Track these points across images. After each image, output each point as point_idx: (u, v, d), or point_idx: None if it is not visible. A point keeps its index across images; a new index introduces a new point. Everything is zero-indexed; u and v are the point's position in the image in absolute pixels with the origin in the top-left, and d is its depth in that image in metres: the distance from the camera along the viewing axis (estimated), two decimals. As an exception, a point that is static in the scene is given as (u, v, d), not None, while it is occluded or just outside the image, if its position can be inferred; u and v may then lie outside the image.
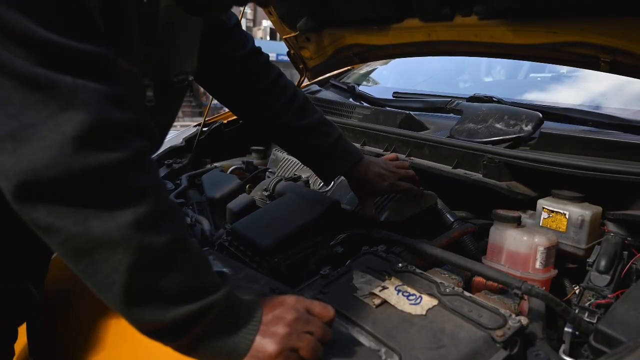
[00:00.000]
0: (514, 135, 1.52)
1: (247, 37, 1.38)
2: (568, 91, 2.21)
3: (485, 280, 1.10)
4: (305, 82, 2.61)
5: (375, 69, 2.86)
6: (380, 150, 1.77)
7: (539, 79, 2.62)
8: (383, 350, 0.84)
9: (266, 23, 27.14)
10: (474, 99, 1.86)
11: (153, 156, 0.84)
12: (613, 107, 1.72)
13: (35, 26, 0.66)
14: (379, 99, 2.19)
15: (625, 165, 1.22)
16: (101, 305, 0.74)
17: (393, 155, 1.61)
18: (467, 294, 0.97)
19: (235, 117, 2.41)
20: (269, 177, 1.88)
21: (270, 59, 1.43)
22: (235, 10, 1.21)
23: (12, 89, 0.65)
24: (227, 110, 1.78)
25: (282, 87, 1.38)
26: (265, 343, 0.78)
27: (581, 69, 1.76)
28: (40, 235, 0.70)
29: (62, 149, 0.65)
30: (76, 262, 0.70)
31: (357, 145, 1.86)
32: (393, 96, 2.20)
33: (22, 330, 1.27)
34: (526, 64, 2.66)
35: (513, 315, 0.89)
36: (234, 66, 1.35)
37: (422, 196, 1.45)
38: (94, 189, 0.68)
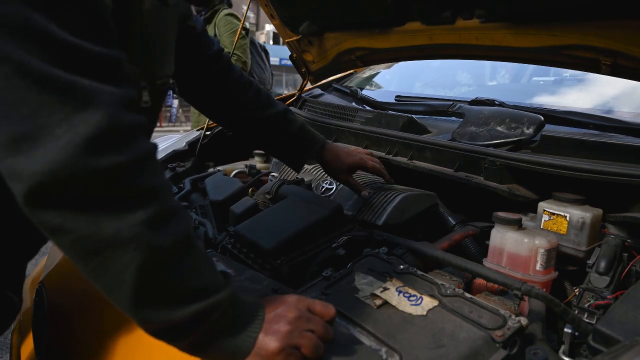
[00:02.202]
0: (516, 138, 1.53)
1: (212, 41, 1.47)
2: (570, 95, 2.21)
3: (485, 282, 1.11)
4: (308, 86, 2.62)
5: (379, 72, 2.87)
6: (383, 154, 1.78)
7: (541, 82, 2.62)
8: (384, 349, 0.85)
9: (269, 27, 27.25)
10: (475, 102, 1.86)
11: None
12: (615, 110, 1.73)
13: (53, 27, 0.66)
14: (381, 102, 2.19)
15: (626, 167, 1.23)
16: (106, 308, 0.75)
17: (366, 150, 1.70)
18: (467, 295, 0.98)
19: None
20: (271, 180, 1.89)
21: (274, 63, 1.48)
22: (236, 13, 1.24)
23: (26, 89, 0.65)
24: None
25: (247, 82, 1.49)
26: (268, 340, 0.78)
27: (584, 73, 1.77)
28: (47, 236, 0.71)
29: (76, 150, 0.65)
30: (86, 262, 0.71)
31: (360, 149, 1.87)
32: (395, 100, 2.21)
33: (28, 333, 1.29)
34: (530, 68, 2.66)
35: (513, 316, 0.89)
36: (205, 67, 1.43)
37: (390, 181, 1.57)
38: (106, 190, 0.68)
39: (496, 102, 1.81)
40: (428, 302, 0.95)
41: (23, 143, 0.65)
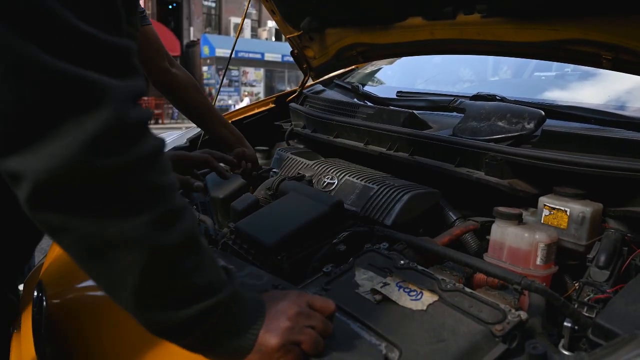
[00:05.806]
0: (516, 133, 1.52)
1: None
2: (572, 90, 2.21)
3: (486, 277, 1.11)
4: (310, 82, 2.62)
5: (380, 68, 2.86)
6: (384, 149, 1.78)
7: (543, 77, 2.62)
8: (384, 344, 0.85)
9: (271, 24, 27.11)
10: (477, 97, 1.86)
11: None
12: (616, 105, 1.72)
13: (66, 12, 0.62)
14: (382, 98, 2.19)
15: (627, 162, 1.23)
16: (106, 305, 0.74)
17: None
18: (467, 289, 0.98)
19: (238, 117, 2.43)
20: (272, 176, 1.89)
21: (275, 60, 1.49)
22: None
23: (32, 83, 0.60)
24: (231, 111, 1.82)
25: None
26: (268, 337, 0.78)
27: (586, 68, 1.77)
28: (49, 236, 0.69)
29: (82, 148, 0.62)
30: (88, 261, 0.69)
31: (360, 145, 1.87)
32: (397, 95, 2.21)
33: (28, 332, 1.29)
34: (532, 64, 2.66)
35: (513, 310, 0.89)
36: None
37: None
38: (112, 188, 0.66)
39: (497, 97, 1.81)
40: (428, 297, 0.95)
41: (27, 140, 0.61)
